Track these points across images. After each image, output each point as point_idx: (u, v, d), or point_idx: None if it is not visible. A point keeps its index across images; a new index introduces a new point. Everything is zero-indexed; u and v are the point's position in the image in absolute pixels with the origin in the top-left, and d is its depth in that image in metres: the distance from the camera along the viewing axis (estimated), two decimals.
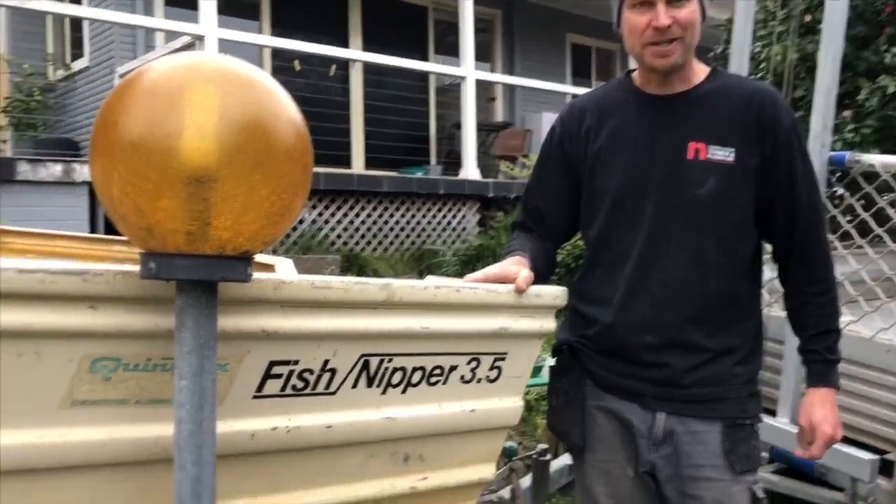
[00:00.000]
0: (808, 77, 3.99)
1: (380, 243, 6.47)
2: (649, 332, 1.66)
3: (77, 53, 8.53)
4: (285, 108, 1.05)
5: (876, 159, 2.81)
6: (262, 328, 1.21)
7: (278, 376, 1.27)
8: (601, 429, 1.74)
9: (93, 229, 5.28)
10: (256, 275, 1.15)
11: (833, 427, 1.69)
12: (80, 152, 7.37)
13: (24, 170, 5.14)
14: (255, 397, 1.27)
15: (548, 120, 8.13)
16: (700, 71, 1.70)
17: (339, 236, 6.23)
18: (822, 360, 1.72)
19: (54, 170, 5.24)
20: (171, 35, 6.45)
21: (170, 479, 1.11)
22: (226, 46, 5.85)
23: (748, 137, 1.63)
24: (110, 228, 4.95)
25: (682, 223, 1.65)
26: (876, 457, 2.58)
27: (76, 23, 8.38)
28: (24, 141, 8.16)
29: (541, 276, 1.62)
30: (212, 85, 1.00)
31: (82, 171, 5.24)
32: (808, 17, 4.68)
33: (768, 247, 1.78)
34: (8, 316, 1.02)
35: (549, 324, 1.57)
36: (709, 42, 8.28)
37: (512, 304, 1.49)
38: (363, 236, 6.37)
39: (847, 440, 2.69)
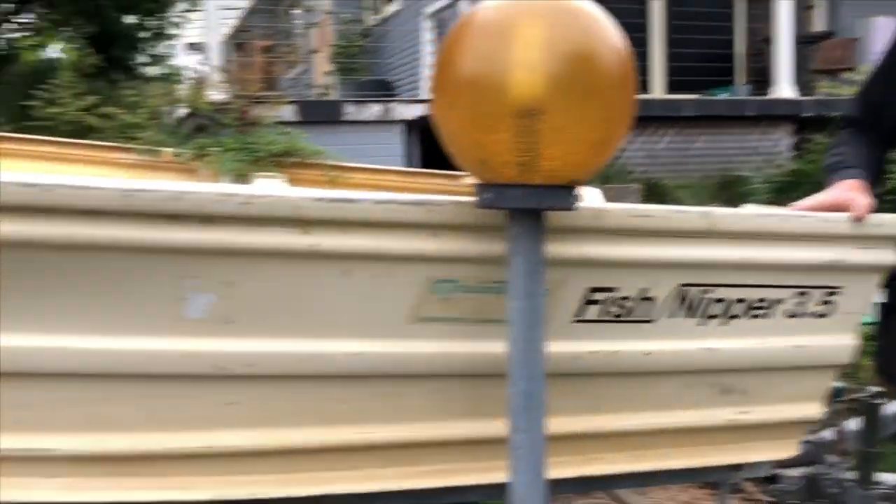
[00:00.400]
0: None
1: (681, 171, 6.24)
2: None
3: None
4: (610, 37, 1.05)
5: None
6: (582, 255, 1.25)
7: (597, 302, 1.31)
8: None
9: (408, 163, 5.73)
10: (579, 204, 1.18)
11: None
12: (394, 92, 7.96)
13: (349, 111, 5.69)
14: (574, 321, 1.32)
15: (884, 26, 7.12)
16: None
17: (637, 165, 6.11)
18: None
19: (374, 110, 5.73)
20: None
21: (496, 392, 1.20)
22: None
23: None
24: (424, 163, 5.33)
25: None
26: None
27: None
28: (345, 84, 9.00)
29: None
30: (539, 18, 1.03)
31: (399, 111, 5.67)
32: None
33: None
34: (363, 241, 1.16)
35: (889, 256, 1.43)
36: None
37: (848, 234, 1.38)
38: (664, 164, 6.19)
39: None
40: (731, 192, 5.99)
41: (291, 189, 1.87)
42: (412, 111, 5.65)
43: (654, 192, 5.67)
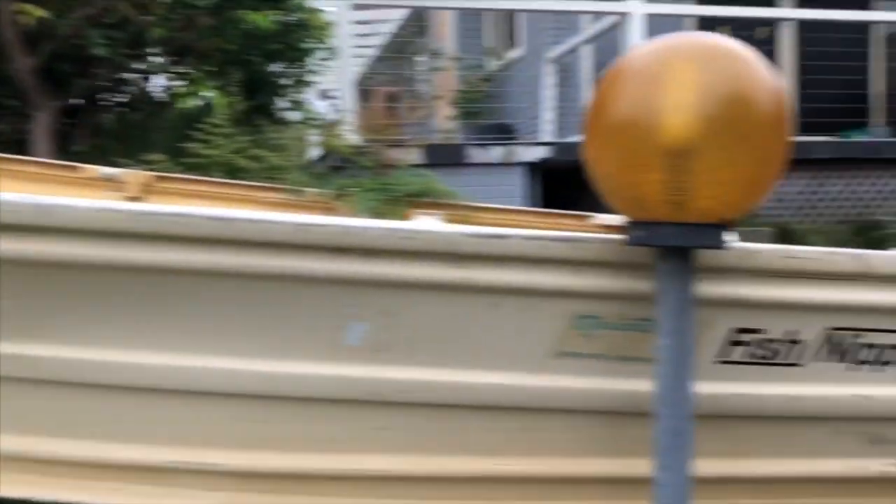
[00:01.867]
0: None
1: (812, 215, 5.99)
2: None
3: (510, 44, 9.31)
4: (764, 78, 1.07)
5: None
6: (729, 295, 1.24)
7: (742, 343, 1.29)
8: None
9: (531, 204, 5.77)
10: (730, 243, 1.18)
11: None
12: (514, 135, 8.06)
13: (472, 154, 5.80)
14: (717, 362, 1.31)
15: None
16: None
17: (767, 208, 5.90)
18: None
19: (496, 153, 5.82)
20: (597, 16, 6.68)
21: (635, 430, 1.21)
22: (652, 21, 5.89)
23: None
24: (545, 204, 5.36)
25: None
26: None
27: (510, 16, 9.14)
28: (467, 128, 9.17)
29: None
30: (692, 62, 1.06)
31: (520, 153, 5.74)
32: None
33: None
34: (512, 275, 1.20)
35: None
36: None
37: None
38: (795, 208, 5.96)
39: None
40: (866, 237, 5.70)
41: (447, 225, 1.95)
42: (533, 153, 5.70)
43: (786, 237, 5.46)
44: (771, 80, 1.07)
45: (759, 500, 1.41)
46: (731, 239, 1.14)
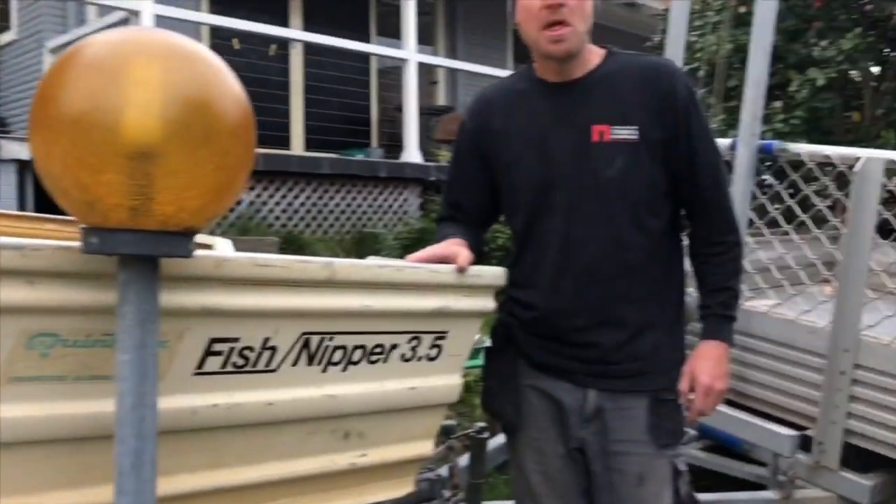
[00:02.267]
0: (742, 67, 4.13)
1: (319, 226, 6.44)
2: (578, 314, 1.72)
3: (3, 26, 8.21)
4: (230, 84, 1.05)
5: (802, 148, 2.93)
6: (202, 305, 1.21)
7: (219, 353, 1.28)
8: (533, 407, 1.79)
9: (21, 207, 5.12)
10: (198, 252, 1.15)
11: (711, 377, 1.72)
12: (7, 128, 7.11)
13: None
14: (195, 374, 1.27)
15: None
16: (596, 54, 1.73)
17: (277, 218, 6.17)
18: (714, 315, 1.79)
19: None
20: (105, 10, 6.26)
21: (109, 455, 1.11)
22: (162, 23, 5.71)
23: (649, 113, 1.67)
24: (40, 206, 4.81)
25: (596, 204, 1.69)
26: (796, 433, 2.70)
27: None
28: None
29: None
30: (156, 60, 1.00)
31: (10, 149, 5.07)
32: (742, 9, 4.82)
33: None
34: None
35: (488, 303, 1.61)
36: (648, 31, 8.42)
37: (453, 283, 1.52)
38: (302, 218, 6.32)
39: (771, 417, 2.81)
40: (365, 246, 6.32)
41: None
42: (28, 151, 5.09)
43: (293, 246, 5.75)
44: (237, 88, 1.07)
45: None
46: (197, 246, 1.11)
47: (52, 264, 1.06)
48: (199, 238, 2.21)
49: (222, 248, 2.13)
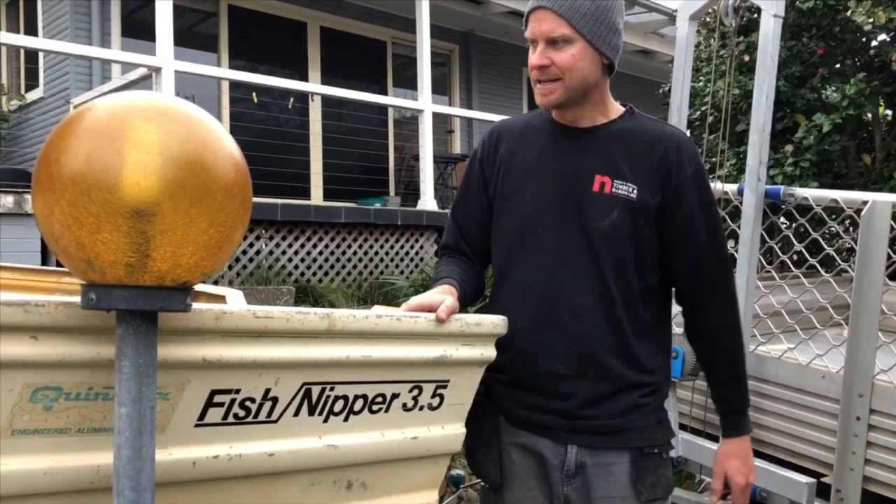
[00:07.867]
0: (749, 112, 4.16)
1: (337, 273, 6.49)
2: (560, 360, 1.69)
3: (31, 84, 8.46)
4: (224, 144, 1.09)
5: (809, 193, 2.93)
6: (203, 357, 1.24)
7: (220, 405, 1.30)
8: (517, 465, 1.75)
9: (44, 261, 5.22)
10: (198, 305, 1.18)
11: (745, 476, 1.78)
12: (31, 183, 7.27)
13: None
14: (196, 426, 1.29)
15: None
16: (614, 110, 1.76)
17: (296, 267, 6.23)
18: (733, 412, 1.80)
19: (5, 201, 5.18)
20: (128, 66, 6.44)
21: None
22: (183, 79, 5.86)
23: (650, 178, 1.68)
24: None
25: (584, 253, 1.69)
26: (813, 480, 2.66)
27: (31, 54, 8.33)
28: None
29: (470, 301, 1.65)
30: (152, 122, 1.04)
31: None
32: (746, 57, 4.87)
33: None
34: None
35: (489, 351, 1.61)
36: (662, 77, 8.47)
37: (454, 332, 1.53)
38: (320, 267, 6.38)
39: (786, 464, 2.77)
40: (382, 293, 6.35)
41: None
42: None
43: (310, 295, 5.79)
44: (232, 147, 1.11)
45: None
46: (209, 298, 1.14)
47: (54, 320, 1.09)
48: (212, 290, 2.26)
49: (234, 299, 2.16)
